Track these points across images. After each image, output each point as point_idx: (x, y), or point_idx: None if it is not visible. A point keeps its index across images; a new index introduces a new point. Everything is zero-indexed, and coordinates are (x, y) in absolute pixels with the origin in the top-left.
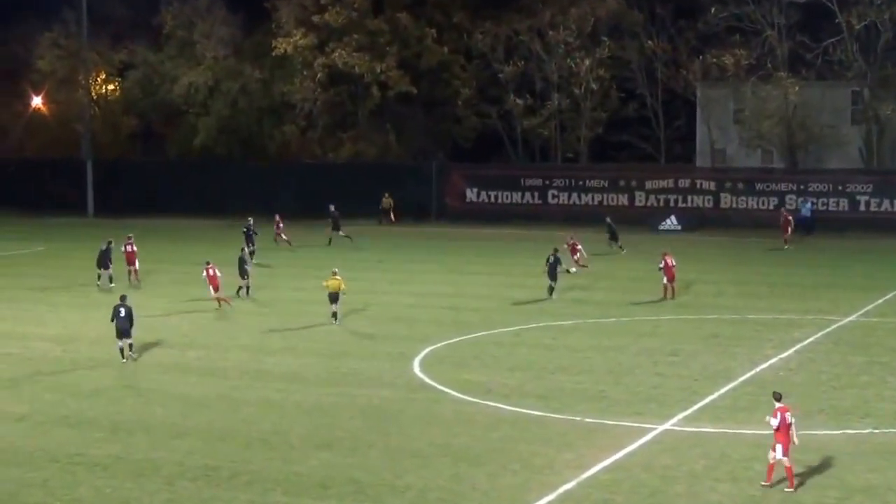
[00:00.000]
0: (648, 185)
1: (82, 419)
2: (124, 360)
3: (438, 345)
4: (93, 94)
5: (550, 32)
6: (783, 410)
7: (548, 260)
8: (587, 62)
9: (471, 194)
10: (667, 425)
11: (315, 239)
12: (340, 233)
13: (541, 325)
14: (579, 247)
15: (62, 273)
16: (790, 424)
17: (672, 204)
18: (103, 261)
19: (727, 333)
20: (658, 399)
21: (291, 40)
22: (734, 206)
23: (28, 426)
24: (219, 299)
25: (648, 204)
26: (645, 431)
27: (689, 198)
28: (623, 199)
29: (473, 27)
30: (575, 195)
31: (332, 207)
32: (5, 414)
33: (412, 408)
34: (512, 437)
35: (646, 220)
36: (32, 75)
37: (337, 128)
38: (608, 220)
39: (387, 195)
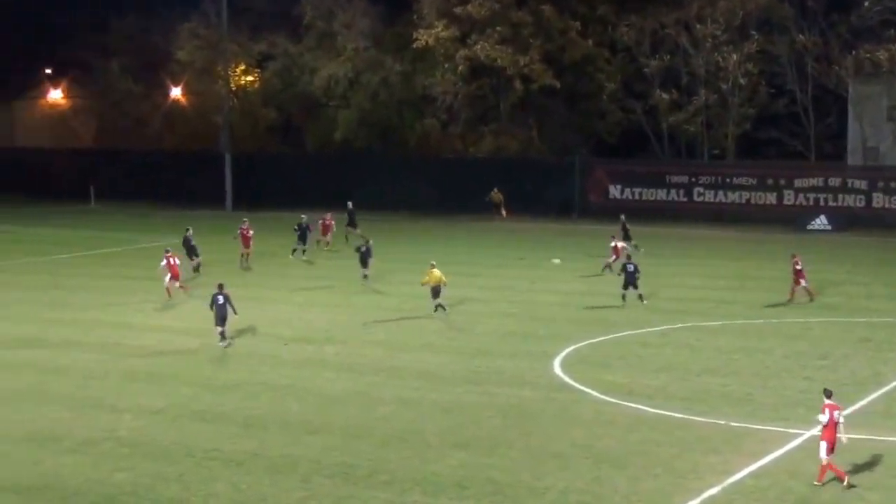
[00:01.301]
0: (797, 183)
1: (218, 414)
2: (222, 344)
3: (581, 344)
4: (232, 85)
5: (698, 26)
6: (832, 408)
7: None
8: (735, 56)
9: (614, 191)
10: (814, 431)
11: (458, 236)
12: (357, 230)
13: (687, 325)
14: None
15: (210, 262)
16: (837, 423)
17: (822, 203)
18: (189, 249)
19: (879, 337)
20: (806, 403)
21: (433, 32)
22: (887, 205)
23: (164, 420)
24: (181, 286)
25: (797, 203)
26: (792, 437)
27: (840, 197)
28: (771, 198)
29: (618, 20)
30: (721, 193)
31: (349, 204)
32: (142, 407)
33: (552, 408)
34: (654, 439)
35: (794, 220)
36: (172, 66)
37: (478, 122)
38: (622, 217)
39: (496, 189)
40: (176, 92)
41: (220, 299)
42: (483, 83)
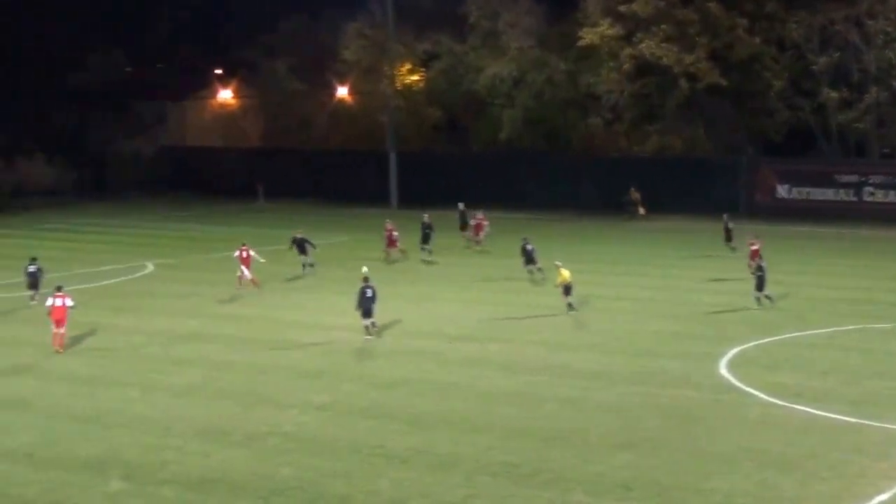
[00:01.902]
0: None
1: (383, 411)
2: (368, 338)
3: (747, 345)
4: (397, 84)
5: (868, 22)
6: None
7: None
8: None
9: (781, 190)
10: None
11: (622, 236)
12: (466, 233)
13: (857, 327)
14: None
15: (363, 264)
16: None
17: None
18: (300, 248)
19: None
20: None
21: (598, 31)
22: None
23: (330, 416)
24: (253, 281)
25: None
26: None
27: None
28: None
29: (787, 16)
30: (893, 193)
31: (461, 205)
32: (308, 403)
33: (718, 409)
34: (822, 443)
35: None
36: (338, 65)
37: (643, 120)
38: (725, 217)
39: (633, 189)
40: (342, 91)
41: (369, 292)
42: (648, 82)
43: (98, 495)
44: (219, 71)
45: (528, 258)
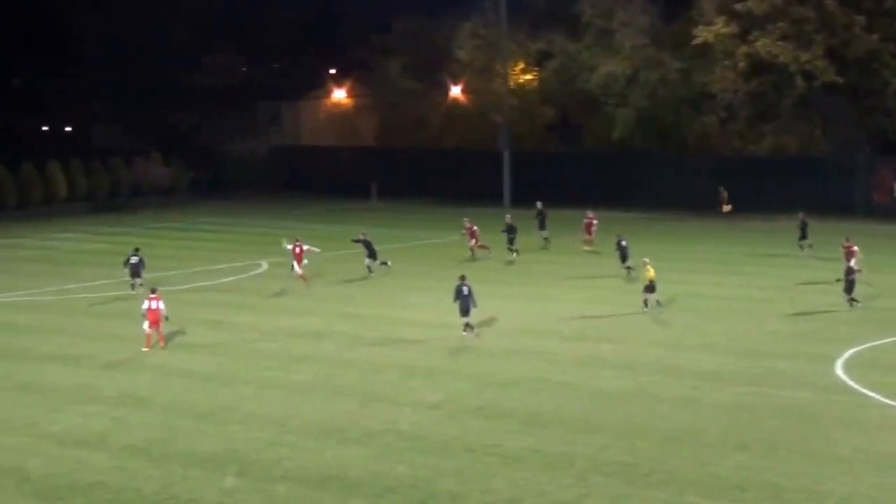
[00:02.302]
0: None
1: (497, 410)
2: (465, 334)
3: (863, 346)
4: (510, 84)
5: None
6: None
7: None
8: None
9: None
10: None
11: (737, 236)
12: (544, 232)
13: None
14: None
15: (477, 262)
16: None
17: None
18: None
19: None
20: None
21: (712, 29)
22: None
23: (443, 414)
24: (302, 277)
25: None
26: None
27: None
28: None
29: None
30: None
31: (539, 204)
32: (421, 402)
33: (834, 411)
34: None
35: None
36: (452, 65)
37: (758, 119)
38: (801, 215)
39: (721, 187)
40: (455, 91)
41: (465, 290)
42: (763, 80)
43: (213, 491)
44: (333, 71)
45: (623, 255)
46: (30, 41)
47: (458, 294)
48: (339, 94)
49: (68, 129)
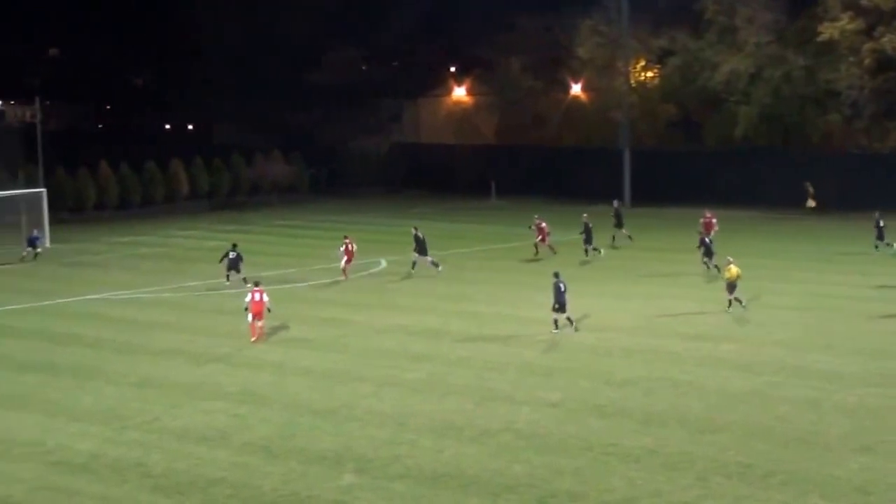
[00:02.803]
0: None
1: (616, 409)
2: (555, 331)
3: None
4: (632, 81)
5: None
6: None
7: None
8: None
9: None
10: None
11: (862, 234)
12: (623, 230)
13: None
14: None
15: (594, 262)
16: None
17: None
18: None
19: None
20: None
21: (838, 25)
22: None
23: (562, 413)
24: (343, 271)
25: None
26: None
27: None
28: None
29: None
30: None
31: (616, 203)
32: (540, 400)
33: None
34: None
35: None
36: (572, 63)
37: (884, 116)
38: (877, 215)
39: (808, 183)
40: (576, 89)
41: (562, 286)
42: (890, 77)
43: (331, 488)
44: (453, 69)
45: (707, 251)
46: (152, 41)
47: (557, 290)
48: (460, 93)
49: (190, 127)
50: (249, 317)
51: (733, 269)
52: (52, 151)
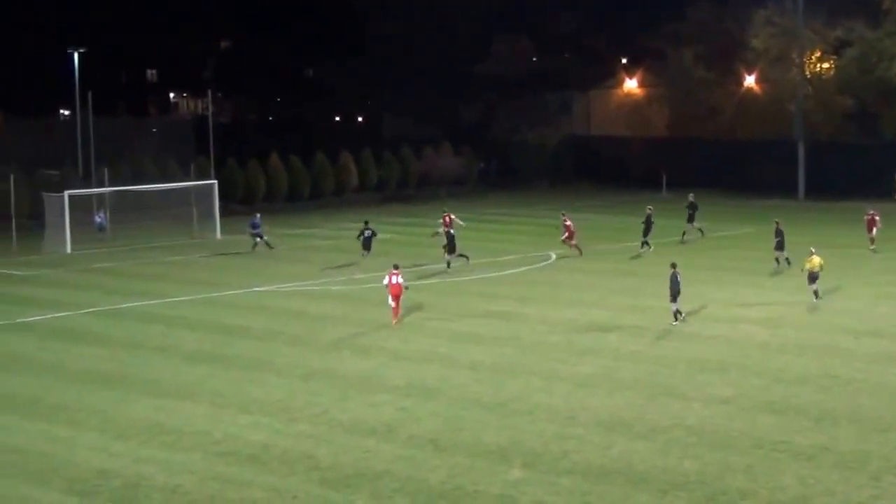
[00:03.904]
0: None
1: (788, 406)
2: (675, 323)
3: None
4: (806, 72)
5: None
6: None
7: None
8: None
9: None
10: None
11: None
12: (694, 224)
13: None
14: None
15: (768, 255)
16: None
17: None
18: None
19: None
20: None
21: None
22: None
23: (733, 410)
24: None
25: None
26: None
27: None
28: None
29: None
30: None
31: (690, 197)
32: (711, 396)
33: None
34: None
35: None
36: (745, 54)
37: None
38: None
39: None
40: (749, 80)
41: (678, 277)
42: None
43: (498, 483)
44: (624, 60)
45: (779, 243)
46: (322, 32)
47: (673, 281)
48: (631, 84)
49: (360, 119)
50: (389, 299)
51: (815, 260)
52: (222, 143)
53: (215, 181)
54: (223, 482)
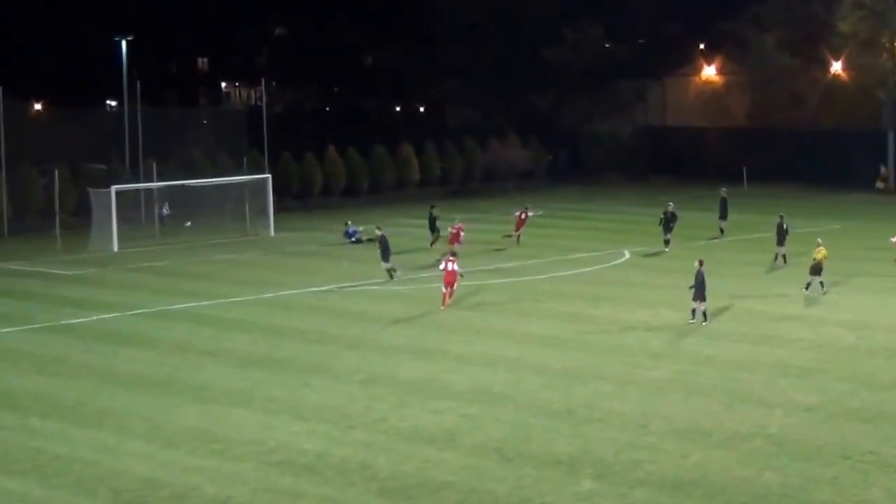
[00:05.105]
0: None
1: (876, 413)
2: (693, 322)
3: None
4: None
5: None
6: None
7: None
8: None
9: None
10: None
11: None
12: (725, 222)
13: None
14: None
15: (855, 254)
16: None
17: None
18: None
19: None
20: None
21: None
22: None
23: (817, 418)
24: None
25: None
26: None
27: None
28: None
29: None
30: None
31: (723, 191)
32: (794, 403)
33: None
34: None
35: None
36: (832, 38)
37: None
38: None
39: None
40: (836, 66)
41: (703, 275)
42: None
43: (568, 495)
44: (702, 46)
45: (780, 238)
46: (382, 18)
47: (698, 279)
48: (709, 71)
49: (422, 109)
50: (443, 286)
51: (821, 251)
52: (277, 135)
53: (269, 175)
54: (276, 493)
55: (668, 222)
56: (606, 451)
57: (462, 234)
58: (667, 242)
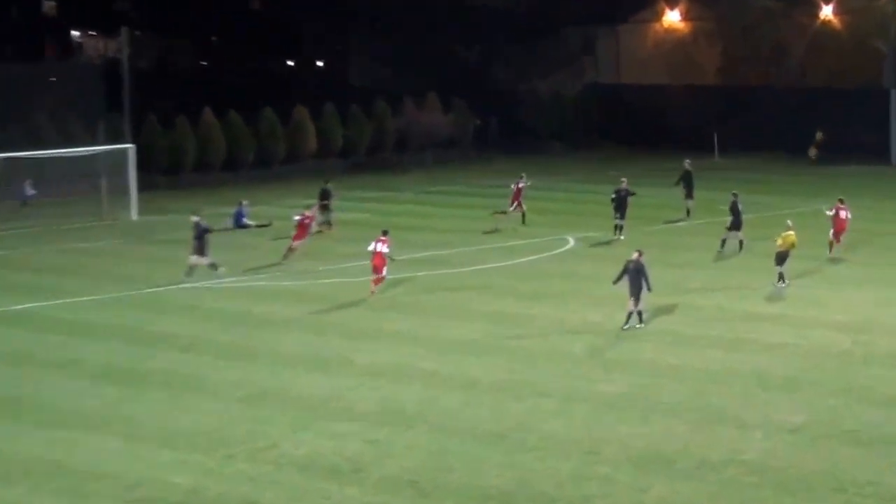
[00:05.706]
0: None
1: (875, 435)
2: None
3: None
4: None
5: None
6: None
7: None
8: None
9: None
10: None
11: None
12: (691, 202)
13: None
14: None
15: (852, 240)
16: None
17: None
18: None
19: None
20: None
21: None
22: None
23: (804, 441)
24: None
25: None
26: None
27: None
28: None
29: None
30: None
31: (686, 163)
32: (776, 423)
33: None
34: None
35: None
36: None
37: None
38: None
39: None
40: (826, 11)
41: (632, 267)
42: None
43: None
44: None
45: (735, 220)
46: None
47: (633, 275)
48: (672, 17)
49: (320, 64)
50: (372, 272)
51: (790, 237)
52: (141, 96)
53: (131, 145)
54: None
55: (621, 202)
56: (547, 484)
57: (312, 224)
58: (619, 228)
